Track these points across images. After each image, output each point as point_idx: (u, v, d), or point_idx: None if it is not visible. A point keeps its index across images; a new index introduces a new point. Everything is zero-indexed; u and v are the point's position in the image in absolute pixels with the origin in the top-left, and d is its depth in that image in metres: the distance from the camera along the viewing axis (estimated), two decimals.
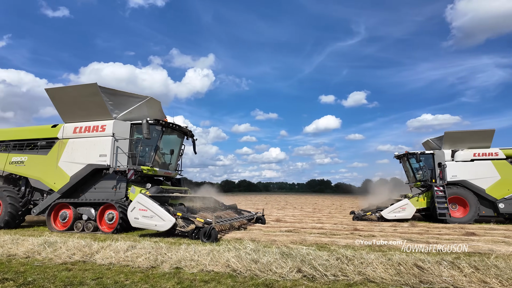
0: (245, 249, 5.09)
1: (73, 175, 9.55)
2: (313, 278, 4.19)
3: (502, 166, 12.23)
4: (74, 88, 9.97)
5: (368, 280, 4.11)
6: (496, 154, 12.39)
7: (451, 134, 12.96)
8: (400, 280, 4.02)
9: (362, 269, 4.31)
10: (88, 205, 9.24)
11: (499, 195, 12.03)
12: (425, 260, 4.42)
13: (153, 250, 5.19)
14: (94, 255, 5.19)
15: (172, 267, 4.62)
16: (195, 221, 7.42)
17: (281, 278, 4.19)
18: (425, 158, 13.55)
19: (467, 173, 12.35)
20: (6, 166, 10.68)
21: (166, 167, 10.75)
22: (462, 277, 3.98)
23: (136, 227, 7.84)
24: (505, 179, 12.10)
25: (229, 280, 4.10)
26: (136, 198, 7.75)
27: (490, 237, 8.22)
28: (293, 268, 4.39)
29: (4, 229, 9.65)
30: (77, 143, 9.89)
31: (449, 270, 4.16)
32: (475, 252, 6.21)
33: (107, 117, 9.78)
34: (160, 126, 9.81)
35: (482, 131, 12.78)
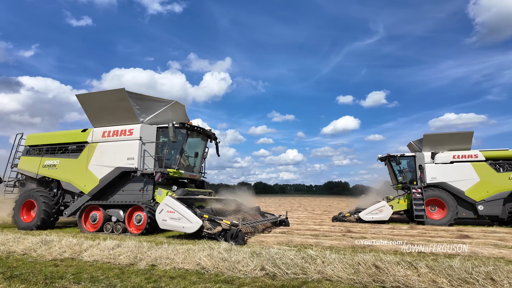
0: (218, 249, 5.39)
1: (102, 178, 9.86)
2: (274, 276, 4.44)
3: (482, 168, 12.21)
4: (102, 94, 10.29)
5: (325, 278, 4.31)
6: (476, 156, 12.39)
7: (430, 136, 13.05)
8: (355, 279, 4.20)
9: (322, 268, 4.51)
10: (117, 207, 9.48)
11: (478, 197, 12.02)
12: (384, 260, 4.56)
13: (135, 249, 5.59)
14: (83, 252, 5.65)
15: (148, 265, 4.99)
16: (222, 223, 7.48)
17: (244, 275, 4.46)
18: (407, 161, 13.62)
19: (446, 175, 12.38)
20: (39, 169, 11.08)
21: (191, 170, 11.01)
22: (415, 277, 4.11)
23: (164, 229, 7.96)
24: (484, 181, 12.06)
25: (194, 276, 4.41)
26: (164, 200, 7.89)
27: (483, 240, 8.11)
28: (257, 266, 4.65)
29: (38, 230, 10.04)
30: (105, 146, 10.18)
31: (405, 270, 4.29)
32: (456, 254, 6.22)
33: (134, 121, 10.08)
34: (185, 129, 10.02)
35: (461, 133, 12.84)
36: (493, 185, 11.99)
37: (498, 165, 12.28)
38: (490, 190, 11.95)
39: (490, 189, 11.96)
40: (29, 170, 11.28)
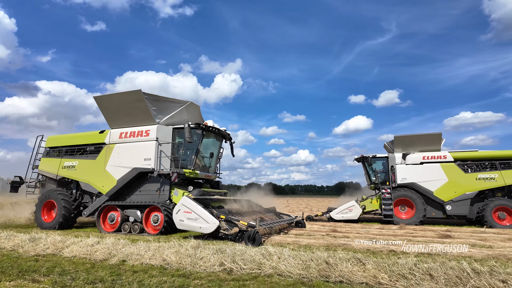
0: (186, 246, 5.71)
1: (119, 178, 9.95)
2: (230, 271, 4.72)
3: (450, 169, 12.38)
4: (120, 95, 10.38)
5: (277, 273, 4.56)
6: (445, 157, 12.55)
7: (401, 138, 13.27)
8: (303, 274, 4.43)
9: (276, 264, 4.76)
10: (134, 207, 9.56)
11: (446, 197, 12.19)
12: (336, 257, 4.78)
13: (111, 246, 5.97)
14: (64, 249, 6.08)
15: (119, 260, 5.36)
16: (239, 224, 7.39)
17: (203, 270, 4.76)
18: (382, 161, 13.82)
19: (416, 175, 12.59)
20: (59, 170, 11.27)
21: (206, 170, 11.04)
22: (360, 272, 4.31)
23: (181, 229, 8.00)
24: (452, 182, 12.21)
25: (156, 271, 4.74)
26: (181, 201, 7.92)
27: (463, 240, 8.13)
28: (216, 262, 4.95)
29: (58, 229, 10.16)
30: (123, 147, 10.29)
31: (353, 266, 4.50)
32: (426, 253, 6.34)
33: (150, 122, 10.17)
34: (200, 129, 10.09)
35: (430, 135, 13.02)
36: (461, 185, 12.14)
37: (466, 166, 12.43)
38: (457, 190, 12.12)
39: (457, 189, 12.13)
40: (49, 171, 11.51)
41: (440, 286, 3.79)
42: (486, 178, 11.93)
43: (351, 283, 4.11)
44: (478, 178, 12.00)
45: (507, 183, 11.70)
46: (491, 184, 11.88)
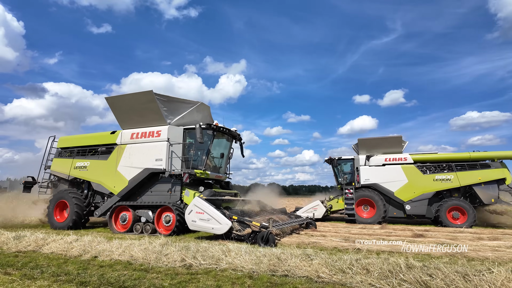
0: (154, 243, 6.08)
1: (131, 179, 9.98)
2: (190, 266, 5.07)
3: (410, 170, 12.89)
4: (131, 96, 10.36)
5: (231, 268, 4.90)
6: (405, 159, 13.07)
7: (364, 140, 13.88)
8: (253, 268, 4.77)
9: (232, 260, 5.11)
10: (146, 207, 9.59)
11: (406, 197, 12.71)
12: (288, 253, 5.11)
13: (87, 243, 6.38)
14: (44, 246, 6.50)
15: (91, 256, 5.76)
16: (251, 225, 7.34)
17: (164, 265, 5.13)
18: (350, 163, 14.30)
19: (378, 177, 13.12)
20: (71, 170, 11.36)
21: (217, 170, 11.11)
22: (305, 267, 4.63)
23: (194, 229, 8.01)
24: (412, 183, 12.72)
25: (121, 266, 5.12)
26: (193, 201, 7.92)
27: (434, 239, 8.37)
28: (178, 258, 5.31)
29: (71, 229, 10.19)
30: (134, 148, 10.31)
31: (301, 261, 4.82)
32: (388, 251, 6.62)
33: (162, 122, 10.20)
34: (211, 130, 10.11)
35: (391, 137, 13.57)
36: (419, 186, 12.61)
37: (425, 168, 12.87)
38: (416, 191, 12.61)
39: (416, 190, 12.62)
40: (61, 172, 11.61)
41: (372, 279, 4.09)
42: (443, 179, 12.43)
43: (294, 276, 4.43)
44: (435, 179, 12.51)
45: (462, 184, 12.19)
46: (447, 185, 12.38)
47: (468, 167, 12.39)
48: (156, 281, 4.26)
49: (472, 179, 12.13)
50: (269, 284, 4.11)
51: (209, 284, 4.11)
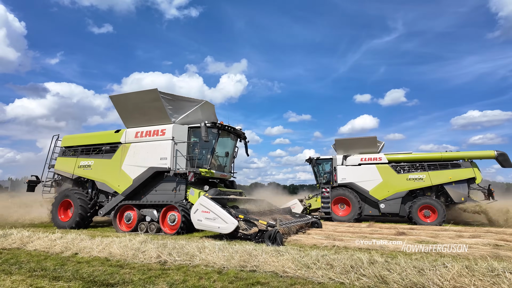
0: (134, 240, 6.25)
1: (135, 178, 9.93)
2: (165, 262, 5.24)
3: (385, 170, 13.25)
4: (136, 94, 10.28)
5: (204, 264, 5.06)
6: (380, 159, 13.44)
7: (341, 141, 14.37)
8: (225, 264, 4.93)
9: (205, 256, 5.27)
10: (151, 206, 9.53)
11: (380, 196, 13.08)
12: (259, 250, 5.27)
13: (70, 241, 6.56)
14: (29, 243, 6.68)
15: (72, 253, 5.94)
16: (258, 224, 7.25)
17: (140, 261, 5.30)
18: (330, 163, 14.67)
19: (354, 176, 13.50)
20: (75, 169, 11.27)
21: (222, 169, 11.08)
22: (274, 262, 4.78)
23: (200, 229, 7.97)
24: (386, 182, 13.07)
25: (98, 262, 5.30)
26: (199, 200, 7.86)
27: (414, 237, 8.50)
28: (154, 254, 5.48)
29: (75, 229, 10.13)
30: (138, 147, 10.25)
31: (271, 257, 4.97)
32: (365, 248, 6.75)
33: (166, 121, 10.13)
34: (216, 128, 10.06)
35: (366, 138, 13.94)
36: (393, 185, 12.95)
37: (399, 167, 13.20)
38: (390, 190, 12.94)
39: (390, 189, 12.95)
40: (65, 171, 11.55)
41: (333, 273, 4.24)
42: (415, 178, 12.77)
43: (261, 271, 4.59)
44: (408, 178, 12.87)
45: (434, 183, 12.53)
46: (420, 184, 12.72)
47: (440, 167, 12.73)
48: (127, 276, 4.43)
49: (443, 179, 12.48)
50: (235, 279, 4.27)
51: (176, 279, 4.27)
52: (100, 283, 4.09)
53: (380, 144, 14.63)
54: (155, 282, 4.15)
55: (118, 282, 4.13)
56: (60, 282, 4.18)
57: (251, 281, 4.16)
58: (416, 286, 3.75)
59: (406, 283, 3.83)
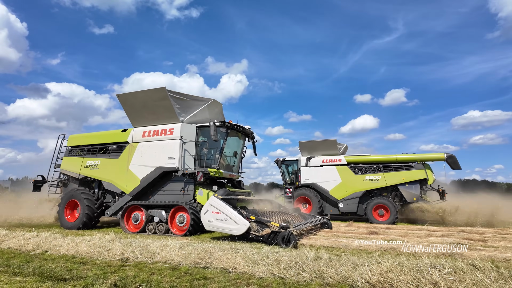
0: (103, 239, 6.51)
1: (143, 177, 9.78)
2: (127, 259, 5.49)
3: (344, 171, 13.89)
4: (143, 93, 10.11)
5: (162, 261, 5.30)
6: (340, 160, 14.09)
7: (304, 143, 14.91)
8: (181, 261, 5.17)
9: (165, 254, 5.51)
10: (159, 207, 9.38)
11: (339, 196, 13.69)
12: (217, 247, 5.52)
13: (43, 239, 6.82)
14: (4, 242, 6.94)
15: (42, 251, 6.19)
16: (270, 225, 7.10)
17: (103, 258, 5.55)
18: (292, 164, 15.36)
19: (316, 177, 14.12)
20: (81, 169, 11.13)
21: (230, 169, 10.94)
22: (226, 259, 5.02)
23: (210, 230, 7.83)
24: (345, 182, 13.71)
25: (62, 259, 5.55)
26: (209, 201, 7.73)
27: (384, 236, 8.71)
28: (118, 252, 5.73)
29: (81, 229, 10.02)
30: (146, 146, 10.10)
31: (227, 254, 5.21)
32: (329, 247, 6.97)
33: (174, 120, 9.97)
34: (225, 128, 9.94)
35: (326, 141, 14.60)
36: (351, 185, 13.56)
37: (357, 168, 13.80)
38: (348, 190, 13.56)
39: (348, 189, 13.56)
40: (71, 171, 11.42)
41: (277, 269, 4.48)
42: (372, 179, 13.35)
43: (212, 267, 4.83)
44: (365, 179, 13.46)
45: (388, 183, 13.13)
46: (376, 185, 13.32)
47: (394, 168, 13.28)
48: (84, 272, 4.68)
49: (397, 179, 13.07)
50: (184, 274, 4.51)
51: (129, 274, 4.52)
52: (55, 278, 4.33)
53: (342, 146, 15.33)
54: (107, 277, 4.39)
55: (72, 277, 4.38)
56: (18, 277, 4.42)
57: (198, 276, 4.40)
58: (347, 280, 3.99)
59: (339, 278, 4.07)
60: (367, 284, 3.85)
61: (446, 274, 3.73)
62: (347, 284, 3.94)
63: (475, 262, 4.04)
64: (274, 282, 4.11)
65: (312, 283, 4.08)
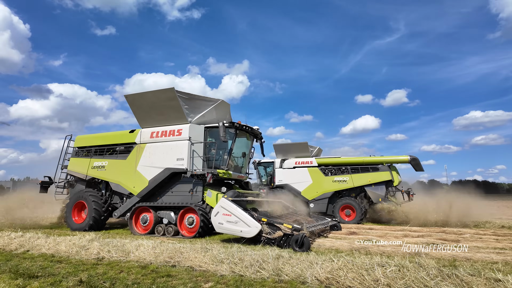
0: (82, 238, 6.77)
1: (151, 179, 9.75)
2: (102, 258, 5.74)
3: (315, 173, 14.46)
4: (152, 94, 10.08)
5: (135, 260, 5.55)
6: (311, 162, 14.67)
7: (278, 146, 15.51)
8: (152, 260, 5.41)
9: (138, 253, 5.76)
10: (168, 208, 9.34)
11: (310, 196, 14.23)
12: (187, 248, 5.77)
13: (27, 239, 7.09)
14: None
15: (24, 250, 6.46)
16: (282, 228, 6.98)
17: (80, 257, 5.80)
18: (268, 166, 15.91)
19: (289, 178, 14.63)
20: (88, 170, 11.10)
21: (239, 170, 10.88)
22: (195, 258, 5.27)
23: (221, 232, 7.78)
24: (315, 183, 14.26)
25: (41, 258, 5.81)
26: (219, 203, 7.66)
27: (362, 236, 8.93)
28: (94, 251, 5.99)
29: (89, 231, 9.82)
30: (154, 147, 10.07)
31: (196, 253, 5.45)
32: None
33: (183, 121, 9.93)
34: (234, 128, 9.91)
35: (298, 144, 15.07)
36: (321, 186, 14.08)
37: (327, 170, 14.37)
38: (319, 190, 14.09)
39: (318, 190, 14.09)
40: (78, 172, 11.40)
41: (239, 267, 4.70)
42: (340, 180, 13.91)
43: (180, 266, 5.07)
44: (334, 180, 14.01)
45: (355, 184, 13.73)
46: (344, 186, 13.91)
47: (361, 170, 13.79)
48: (57, 269, 4.93)
49: (363, 181, 13.61)
50: (150, 272, 4.75)
51: (99, 272, 4.77)
52: (27, 275, 4.58)
53: (314, 149, 16.01)
54: (78, 274, 4.64)
55: (44, 275, 4.63)
56: None
57: (162, 274, 4.64)
58: (300, 278, 4.22)
59: (293, 275, 4.30)
60: (316, 281, 4.08)
61: (390, 271, 3.95)
62: (298, 281, 4.17)
63: (421, 260, 4.26)
64: (232, 279, 4.35)
65: (268, 280, 4.31)
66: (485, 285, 3.53)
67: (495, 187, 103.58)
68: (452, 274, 3.77)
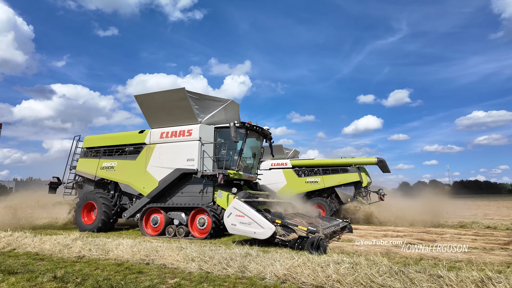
0: (67, 237, 7.06)
1: (161, 179, 9.71)
2: (83, 257, 6.01)
3: (289, 174, 15.10)
4: (162, 94, 10.09)
5: (114, 258, 5.81)
6: (286, 164, 15.22)
7: None
8: (128, 258, 5.68)
9: (117, 252, 6.03)
10: (179, 209, 9.27)
11: (285, 196, 14.15)
12: (163, 247, 6.03)
13: (14, 238, 7.38)
14: None
15: (11, 249, 6.75)
16: (297, 230, 6.88)
17: (62, 255, 6.08)
18: None
19: (266, 179, 14.69)
20: (97, 171, 11.11)
21: (249, 171, 10.82)
22: (169, 257, 5.52)
23: (234, 233, 7.63)
24: (289, 184, 14.86)
25: (25, 256, 6.09)
26: (232, 204, 7.53)
27: (343, 236, 9.14)
28: (76, 250, 6.26)
29: (99, 232, 10.00)
30: (164, 148, 10.05)
31: (172, 252, 5.70)
32: None
33: (193, 121, 9.90)
34: (244, 129, 9.91)
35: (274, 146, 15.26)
36: (295, 187, 14.61)
37: (300, 172, 14.92)
38: (292, 191, 14.51)
39: (292, 190, 14.54)
40: (87, 172, 11.42)
41: (207, 265, 4.95)
42: (312, 181, 14.47)
43: (153, 264, 5.33)
44: (307, 181, 14.57)
45: (326, 185, 14.31)
46: (315, 186, 14.48)
47: (332, 171, 14.36)
48: (37, 267, 5.21)
49: (333, 182, 14.19)
50: (124, 269, 5.01)
51: (75, 269, 5.03)
52: (7, 271, 4.86)
53: (290, 151, 16.88)
54: (55, 271, 4.91)
55: (23, 271, 4.90)
56: None
57: (134, 271, 4.90)
58: (260, 274, 4.47)
59: (255, 272, 4.54)
60: (275, 277, 4.32)
61: (344, 268, 4.18)
62: (259, 277, 4.41)
63: (375, 258, 4.50)
64: (197, 276, 4.60)
65: (232, 276, 4.55)
66: (427, 281, 3.76)
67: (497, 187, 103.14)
68: (400, 271, 4.00)
